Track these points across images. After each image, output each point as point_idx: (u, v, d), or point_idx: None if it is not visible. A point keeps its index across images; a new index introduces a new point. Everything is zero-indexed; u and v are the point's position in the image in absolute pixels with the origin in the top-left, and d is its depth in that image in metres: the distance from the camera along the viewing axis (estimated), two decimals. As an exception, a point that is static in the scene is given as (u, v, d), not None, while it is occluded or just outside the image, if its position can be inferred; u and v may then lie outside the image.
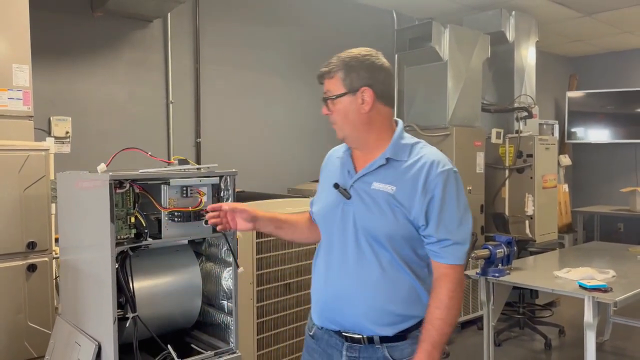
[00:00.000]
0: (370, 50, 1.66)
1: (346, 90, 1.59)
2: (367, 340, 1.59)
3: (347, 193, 1.62)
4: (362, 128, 1.62)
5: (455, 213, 1.55)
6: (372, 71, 1.60)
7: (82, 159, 3.41)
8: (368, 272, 1.57)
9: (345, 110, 1.61)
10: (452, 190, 1.55)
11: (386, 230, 1.55)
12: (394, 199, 1.54)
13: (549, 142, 5.59)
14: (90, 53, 3.67)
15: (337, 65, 1.61)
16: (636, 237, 6.96)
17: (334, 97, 1.61)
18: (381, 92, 1.61)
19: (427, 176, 1.54)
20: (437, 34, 4.72)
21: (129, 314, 1.86)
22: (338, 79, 1.60)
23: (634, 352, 4.31)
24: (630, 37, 6.78)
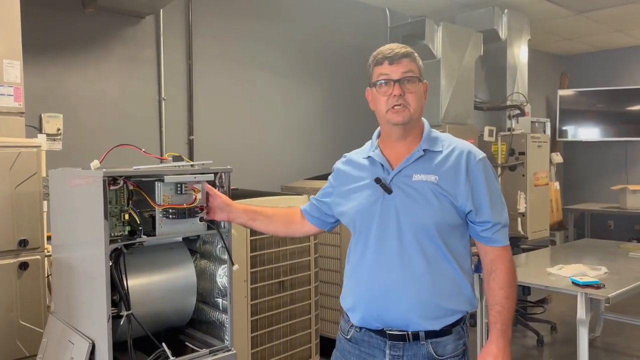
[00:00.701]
0: None
1: (421, 76, 1.68)
2: (411, 337, 1.59)
3: (388, 188, 1.62)
4: (420, 115, 1.69)
5: (499, 197, 1.64)
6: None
7: (73, 156, 3.38)
8: (413, 265, 1.58)
9: (420, 94, 1.67)
10: (492, 177, 1.64)
11: (435, 219, 1.57)
12: (439, 187, 1.58)
13: (541, 140, 5.62)
14: (82, 49, 3.63)
15: (415, 52, 1.70)
16: (626, 234, 7.02)
17: (418, 77, 1.66)
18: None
19: (467, 164, 1.61)
20: (430, 32, 4.73)
21: (123, 311, 1.85)
22: (416, 64, 1.68)
23: (625, 348, 4.35)
24: (621, 35, 6.82)
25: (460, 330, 1.63)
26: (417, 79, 1.65)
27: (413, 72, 1.64)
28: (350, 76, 5.14)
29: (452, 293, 1.60)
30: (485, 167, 1.63)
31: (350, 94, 5.13)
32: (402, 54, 1.66)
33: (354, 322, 1.69)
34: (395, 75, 1.63)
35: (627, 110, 7.30)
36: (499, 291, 1.60)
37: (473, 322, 4.57)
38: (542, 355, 4.29)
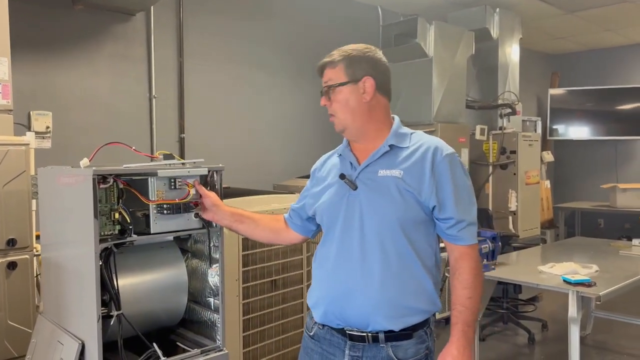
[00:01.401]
0: (369, 46, 1.70)
1: (348, 79, 1.62)
2: (371, 339, 1.57)
3: (353, 184, 1.62)
4: (362, 118, 1.64)
5: (467, 194, 1.60)
6: (373, 63, 1.65)
7: (63, 154, 3.35)
8: (374, 262, 1.56)
9: (346, 100, 1.63)
10: (460, 173, 1.60)
11: (397, 214, 1.55)
12: (403, 182, 1.56)
13: (532, 138, 5.64)
14: (72, 46, 3.60)
15: (340, 56, 1.65)
16: (616, 232, 7.06)
17: (337, 85, 1.63)
18: (381, 83, 1.65)
19: (433, 159, 1.57)
20: (423, 31, 4.73)
21: (113, 311, 1.83)
22: (341, 68, 1.64)
23: (615, 345, 4.38)
24: (611, 35, 6.87)
25: (423, 334, 1.60)
26: (338, 85, 1.63)
27: (332, 81, 1.64)
28: (342, 74, 5.13)
29: (415, 291, 1.58)
30: (452, 163, 1.58)
31: (342, 92, 5.12)
32: (323, 64, 1.68)
33: (316, 319, 1.69)
34: (323, 85, 1.68)
35: (617, 109, 7.35)
36: (462, 291, 1.57)
37: (465, 320, 4.59)
38: (534, 353, 4.31)
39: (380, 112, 1.67)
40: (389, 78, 1.71)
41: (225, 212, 1.87)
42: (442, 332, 4.57)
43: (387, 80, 1.70)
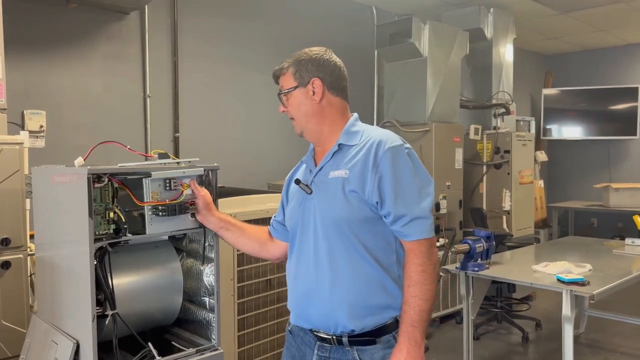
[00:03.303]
0: (321, 48, 1.74)
1: (297, 83, 1.66)
2: (336, 341, 1.57)
3: (308, 188, 1.64)
4: (315, 119, 1.67)
5: (412, 187, 1.53)
6: (320, 64, 1.68)
7: (56, 153, 3.34)
8: (326, 265, 1.56)
9: (298, 103, 1.67)
10: (404, 165, 1.53)
11: (342, 214, 1.54)
12: (348, 182, 1.55)
13: (526, 138, 5.67)
14: (65, 45, 3.58)
15: (289, 63, 1.70)
16: (609, 231, 7.10)
17: (286, 90, 1.68)
18: (330, 83, 1.67)
19: (375, 154, 1.53)
20: (417, 30, 4.74)
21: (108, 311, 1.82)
22: (289, 74, 1.68)
23: (608, 344, 4.40)
24: (604, 35, 6.90)
25: (391, 338, 1.55)
26: (288, 90, 1.68)
27: (283, 87, 1.70)
28: (337, 74, 5.13)
29: (373, 290, 1.55)
30: (395, 155, 1.52)
31: (336, 91, 5.12)
32: (275, 73, 1.74)
33: (290, 319, 1.75)
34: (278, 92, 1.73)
35: (610, 109, 7.39)
36: (407, 289, 1.51)
37: (459, 319, 4.62)
38: (527, 351, 4.33)
39: (335, 112, 1.68)
40: (342, 77, 1.72)
41: (213, 217, 1.86)
42: (436, 332, 4.60)
43: (339, 79, 1.70)
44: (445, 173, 4.90)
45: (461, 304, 3.63)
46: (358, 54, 5.35)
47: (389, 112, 5.10)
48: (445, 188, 4.90)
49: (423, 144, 4.81)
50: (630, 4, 5.50)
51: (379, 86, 5.51)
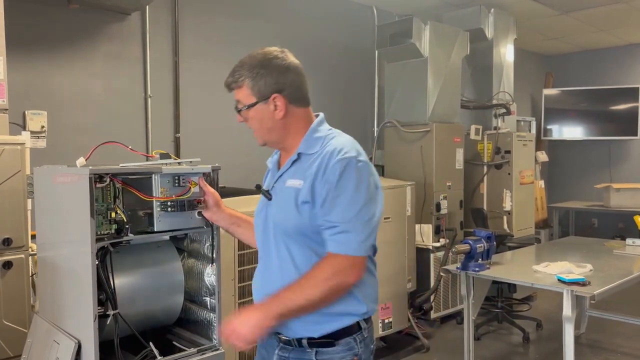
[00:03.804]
0: (274, 50, 1.64)
1: (257, 99, 1.57)
2: (297, 344, 1.57)
3: (268, 194, 1.64)
4: (279, 133, 1.61)
5: (352, 201, 1.46)
6: (279, 75, 1.57)
7: (57, 153, 3.34)
8: (287, 272, 1.54)
9: (260, 118, 1.59)
10: (350, 178, 1.47)
11: (294, 225, 1.52)
12: (301, 193, 1.52)
13: (527, 138, 5.67)
14: (67, 45, 3.59)
15: (243, 74, 1.59)
16: (610, 232, 7.10)
17: (246, 107, 1.59)
18: (293, 96, 1.59)
19: (327, 164, 1.49)
20: (418, 31, 4.74)
21: (109, 311, 1.82)
22: (246, 87, 1.58)
23: (609, 344, 4.40)
24: (604, 35, 6.90)
25: (352, 341, 1.53)
26: (247, 107, 1.59)
27: (241, 102, 1.61)
28: (337, 74, 5.14)
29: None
30: (345, 167, 1.46)
31: (337, 92, 5.13)
32: (228, 84, 1.64)
33: None
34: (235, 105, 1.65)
35: (611, 109, 7.39)
36: (292, 284, 1.49)
37: (460, 319, 4.62)
38: (528, 352, 4.33)
39: (298, 124, 1.60)
40: (302, 83, 1.62)
41: (224, 213, 1.87)
42: (437, 332, 4.60)
43: (300, 88, 1.61)
44: (445, 173, 4.90)
45: (462, 304, 3.63)
46: (358, 54, 5.36)
47: (389, 113, 5.10)
48: (445, 188, 4.90)
49: (424, 144, 4.81)
50: (630, 4, 5.50)
51: (379, 86, 5.51)
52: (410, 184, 4.35)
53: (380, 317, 3.93)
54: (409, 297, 4.30)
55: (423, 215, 4.73)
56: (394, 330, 4.06)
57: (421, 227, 4.63)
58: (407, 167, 4.88)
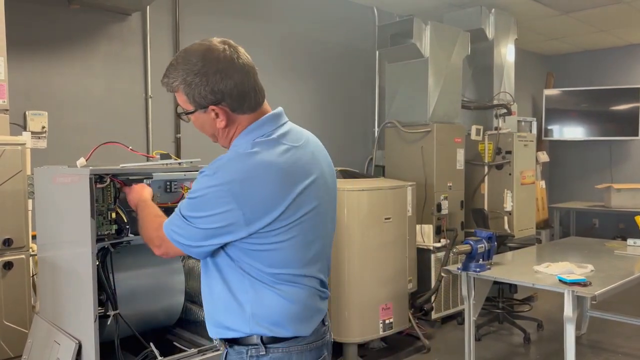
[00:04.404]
0: (215, 48, 1.44)
1: (195, 107, 1.45)
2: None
3: None
4: (224, 139, 1.51)
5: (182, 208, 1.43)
6: (217, 83, 1.40)
7: (58, 154, 3.34)
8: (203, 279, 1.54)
9: (201, 124, 1.50)
10: (194, 189, 1.42)
11: None
12: None
13: (527, 139, 5.66)
14: (67, 46, 3.59)
15: (177, 78, 1.43)
16: (611, 232, 7.10)
17: (184, 113, 1.48)
18: (236, 104, 1.44)
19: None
20: (418, 31, 4.74)
21: (110, 311, 1.83)
22: (182, 94, 1.45)
23: (610, 344, 4.39)
24: (605, 35, 6.90)
25: (243, 352, 1.45)
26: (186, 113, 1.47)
27: (180, 107, 1.49)
28: (338, 75, 5.14)
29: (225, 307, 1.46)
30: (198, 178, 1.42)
31: (337, 92, 5.13)
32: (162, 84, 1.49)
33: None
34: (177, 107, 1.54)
35: (612, 109, 7.38)
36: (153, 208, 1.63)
37: (461, 319, 4.61)
38: (529, 352, 4.32)
39: (245, 126, 1.47)
40: (249, 86, 1.46)
41: None
42: (437, 332, 4.60)
43: (245, 93, 1.45)
44: (446, 174, 4.90)
45: (462, 304, 3.63)
46: (359, 54, 5.35)
47: (390, 113, 5.10)
48: (446, 189, 4.89)
49: (424, 144, 4.81)
50: (631, 4, 5.49)
51: (380, 87, 5.50)
52: (411, 185, 4.35)
53: (381, 317, 3.93)
54: (409, 297, 4.30)
55: (424, 215, 4.72)
56: (394, 330, 4.06)
57: (422, 228, 4.63)
58: (408, 167, 4.88)
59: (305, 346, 1.47)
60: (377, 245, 3.92)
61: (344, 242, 3.81)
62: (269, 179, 1.36)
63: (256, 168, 1.36)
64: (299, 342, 1.46)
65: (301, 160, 1.45)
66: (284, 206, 1.37)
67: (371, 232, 3.89)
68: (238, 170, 1.36)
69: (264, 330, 1.43)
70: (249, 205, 1.34)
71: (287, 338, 1.45)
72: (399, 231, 4.10)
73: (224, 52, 1.43)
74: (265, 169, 1.37)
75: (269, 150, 1.40)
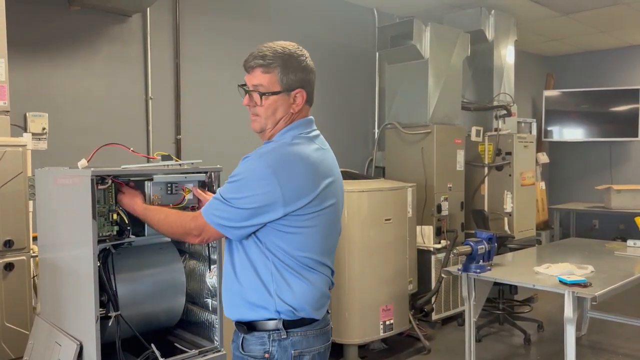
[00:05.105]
0: (298, 47, 1.67)
1: (282, 89, 1.61)
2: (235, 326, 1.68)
3: None
4: (282, 125, 1.65)
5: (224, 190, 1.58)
6: (306, 73, 1.65)
7: (58, 155, 3.34)
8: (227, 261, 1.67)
9: (275, 107, 1.62)
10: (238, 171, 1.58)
11: None
12: None
13: (527, 140, 5.66)
14: (67, 47, 3.59)
15: (275, 61, 1.60)
16: (611, 233, 7.10)
17: (270, 93, 1.61)
18: (309, 95, 1.67)
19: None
20: (418, 32, 4.74)
21: (111, 312, 1.83)
22: (275, 75, 1.60)
23: (610, 345, 4.40)
24: (605, 37, 6.90)
25: (264, 337, 1.59)
26: (270, 94, 1.60)
27: (265, 87, 1.61)
28: (338, 76, 5.14)
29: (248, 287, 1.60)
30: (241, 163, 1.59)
31: (337, 94, 5.13)
32: (256, 65, 1.62)
33: None
34: (249, 84, 1.64)
35: (612, 110, 7.39)
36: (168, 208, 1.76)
37: (461, 321, 4.61)
38: (529, 353, 4.32)
39: (299, 120, 1.66)
40: (314, 84, 1.70)
41: None
42: (438, 334, 4.60)
43: (313, 89, 1.70)
44: (446, 175, 4.90)
45: (463, 305, 3.63)
46: (359, 55, 5.36)
47: (390, 114, 5.10)
48: (446, 190, 4.90)
49: (424, 145, 4.82)
50: (631, 5, 5.50)
51: (380, 88, 5.51)
52: (411, 186, 4.35)
53: (381, 318, 3.93)
54: (410, 298, 4.30)
55: (424, 216, 4.73)
56: (395, 331, 4.06)
57: (422, 229, 4.63)
58: (408, 168, 4.88)
59: (318, 330, 1.64)
60: (377, 246, 3.92)
61: (345, 244, 3.81)
62: (305, 169, 1.55)
63: (295, 157, 1.55)
64: (314, 327, 1.63)
65: (327, 161, 1.64)
66: (314, 194, 1.55)
67: (371, 233, 3.90)
68: (282, 156, 1.54)
69: (286, 311, 1.57)
70: (288, 187, 1.51)
71: (304, 323, 1.61)
72: (399, 232, 4.11)
73: (305, 54, 1.67)
74: (303, 160, 1.55)
75: (306, 145, 1.60)
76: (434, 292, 4.45)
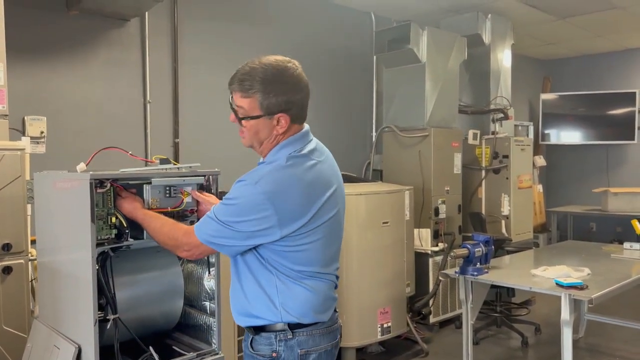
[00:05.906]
0: (288, 63, 1.61)
1: (262, 113, 1.59)
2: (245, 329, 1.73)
3: None
4: (270, 145, 1.64)
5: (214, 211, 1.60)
6: (291, 94, 1.58)
7: (57, 159, 3.35)
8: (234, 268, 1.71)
9: (257, 130, 1.62)
10: (229, 196, 1.59)
11: None
12: None
13: (524, 143, 5.68)
14: (66, 51, 3.60)
15: (254, 86, 1.57)
16: (608, 236, 7.12)
17: (249, 118, 1.61)
18: (296, 115, 1.62)
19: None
20: (416, 36, 4.76)
21: (109, 315, 1.83)
22: (255, 100, 1.58)
23: (607, 348, 4.41)
24: (601, 40, 6.94)
25: (272, 337, 1.64)
26: (249, 118, 1.60)
27: (245, 111, 1.60)
28: (336, 80, 5.16)
29: (253, 299, 1.65)
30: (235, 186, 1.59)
31: (335, 97, 5.15)
32: (233, 88, 1.63)
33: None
34: (234, 103, 1.64)
35: (608, 114, 7.41)
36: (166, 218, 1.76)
37: (459, 323, 4.62)
38: (527, 356, 4.33)
39: (287, 137, 1.64)
40: (306, 102, 1.64)
41: None
42: (435, 336, 4.60)
43: (304, 106, 1.64)
44: (444, 178, 4.92)
45: (460, 308, 3.64)
46: (357, 59, 5.38)
47: (388, 118, 5.12)
48: (444, 193, 4.91)
49: (422, 149, 4.83)
50: (627, 9, 5.53)
51: (377, 91, 5.53)
52: (409, 189, 4.37)
53: (379, 321, 3.94)
54: (407, 301, 4.30)
55: (421, 219, 4.74)
56: (392, 334, 4.06)
57: (420, 232, 4.64)
58: (406, 171, 4.90)
59: (324, 329, 1.68)
60: (375, 249, 3.93)
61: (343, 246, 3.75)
62: (300, 192, 1.55)
63: (291, 180, 1.55)
64: (320, 327, 1.67)
65: (324, 174, 1.64)
66: (311, 214, 1.57)
67: (369, 236, 3.91)
68: (276, 181, 1.54)
69: (292, 318, 1.62)
70: (284, 212, 1.53)
71: (310, 324, 1.65)
72: (396, 235, 4.12)
73: (296, 70, 1.61)
74: (299, 181, 1.56)
75: (300, 165, 1.59)
76: (432, 294, 4.45)
